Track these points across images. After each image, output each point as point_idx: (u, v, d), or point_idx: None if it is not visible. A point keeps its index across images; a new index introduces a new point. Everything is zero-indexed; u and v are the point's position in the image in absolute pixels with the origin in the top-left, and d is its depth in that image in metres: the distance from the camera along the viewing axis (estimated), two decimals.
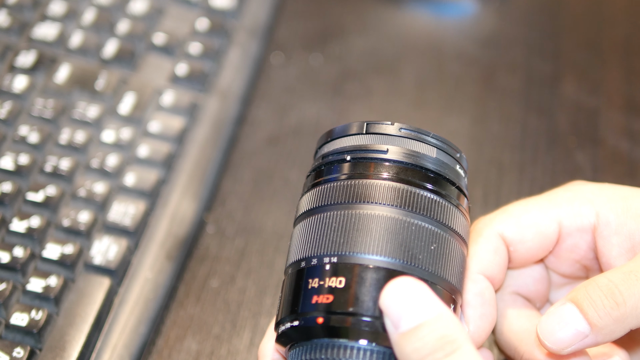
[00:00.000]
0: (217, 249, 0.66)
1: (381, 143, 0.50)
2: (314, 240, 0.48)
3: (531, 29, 0.83)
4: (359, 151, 0.50)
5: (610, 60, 0.80)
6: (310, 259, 0.48)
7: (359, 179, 0.49)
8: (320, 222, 0.48)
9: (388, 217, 0.47)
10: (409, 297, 0.44)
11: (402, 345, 0.44)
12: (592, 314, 0.49)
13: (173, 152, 0.67)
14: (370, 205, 0.48)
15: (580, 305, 0.49)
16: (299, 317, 0.47)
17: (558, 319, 0.49)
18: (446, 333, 0.44)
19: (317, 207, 0.49)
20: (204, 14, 0.76)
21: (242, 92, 0.74)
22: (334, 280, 0.46)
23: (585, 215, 0.54)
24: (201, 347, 0.61)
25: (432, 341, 0.44)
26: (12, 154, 0.64)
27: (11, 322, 0.57)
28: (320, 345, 0.47)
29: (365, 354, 0.46)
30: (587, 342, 0.49)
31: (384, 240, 0.47)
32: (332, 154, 0.51)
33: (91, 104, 0.68)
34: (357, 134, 0.51)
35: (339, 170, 0.50)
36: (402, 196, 0.48)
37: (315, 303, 0.46)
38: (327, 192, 0.50)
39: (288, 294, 0.48)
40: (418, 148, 0.50)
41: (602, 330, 0.49)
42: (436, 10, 0.83)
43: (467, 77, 0.78)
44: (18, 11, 0.73)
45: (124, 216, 0.63)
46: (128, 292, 0.61)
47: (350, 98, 0.76)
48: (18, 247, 0.60)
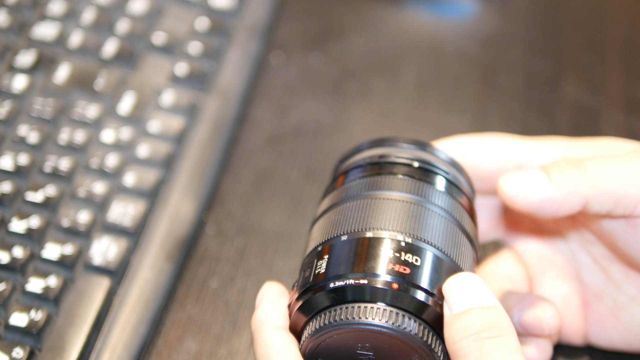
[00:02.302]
0: (217, 249, 0.66)
1: (403, 153, 0.54)
2: (376, 216, 0.50)
3: (532, 28, 0.82)
4: (381, 158, 0.54)
5: (611, 60, 0.80)
6: (379, 230, 0.49)
7: (377, 176, 0.53)
8: (384, 203, 0.51)
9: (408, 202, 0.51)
10: (470, 287, 0.47)
11: (452, 324, 0.46)
12: (553, 171, 0.51)
13: (173, 152, 0.67)
14: (388, 192, 0.51)
15: (544, 168, 0.52)
16: (368, 277, 0.47)
17: (521, 173, 0.52)
18: (496, 320, 0.46)
19: (339, 201, 0.52)
20: (203, 13, 0.76)
21: (242, 92, 0.74)
22: (410, 257, 0.48)
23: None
24: (201, 348, 0.61)
25: (481, 323, 0.45)
26: (11, 154, 0.64)
27: (10, 322, 0.56)
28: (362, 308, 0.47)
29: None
30: (544, 194, 0.51)
31: (437, 232, 0.50)
32: (352, 164, 0.55)
33: (91, 103, 0.68)
34: (378, 147, 0.55)
35: (357, 173, 0.54)
36: (418, 187, 0.52)
37: (392, 269, 0.47)
38: (347, 189, 0.53)
39: (348, 254, 0.49)
40: (433, 159, 0.54)
41: (559, 186, 0.50)
42: (436, 10, 0.83)
43: (467, 77, 0.78)
44: (17, 11, 0.73)
45: (123, 216, 0.63)
46: (128, 292, 0.61)
47: (350, 98, 0.76)
48: (17, 247, 0.59)
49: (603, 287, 0.57)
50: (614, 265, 0.56)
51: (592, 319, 0.57)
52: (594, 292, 0.57)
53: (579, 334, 0.58)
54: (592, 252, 0.57)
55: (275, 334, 0.50)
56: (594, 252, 0.57)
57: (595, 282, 0.57)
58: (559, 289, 0.58)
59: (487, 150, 0.57)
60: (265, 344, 0.49)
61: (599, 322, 0.57)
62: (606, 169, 0.51)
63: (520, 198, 0.51)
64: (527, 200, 0.51)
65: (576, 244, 0.58)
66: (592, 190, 0.51)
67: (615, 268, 0.56)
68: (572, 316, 0.58)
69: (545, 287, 0.58)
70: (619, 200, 0.51)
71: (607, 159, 0.52)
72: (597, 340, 0.58)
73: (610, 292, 0.57)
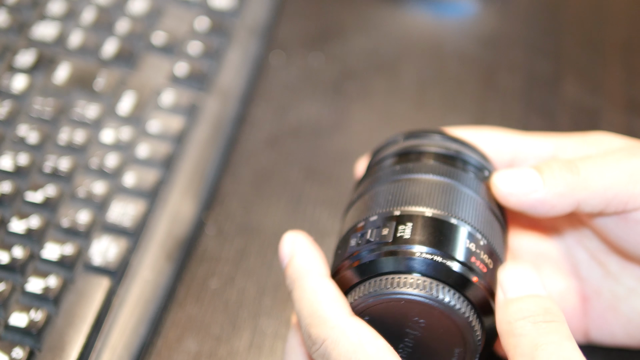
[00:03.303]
0: (217, 250, 0.66)
1: (441, 143, 0.55)
2: (456, 203, 0.51)
3: (532, 28, 0.82)
4: (417, 147, 0.55)
5: (611, 60, 0.80)
6: (465, 222, 0.49)
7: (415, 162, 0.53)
8: (458, 193, 0.51)
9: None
10: (525, 275, 0.49)
11: (507, 305, 0.47)
12: (546, 173, 0.52)
13: (172, 152, 0.67)
14: (434, 175, 0.52)
15: (537, 168, 0.52)
16: (457, 261, 0.48)
17: (515, 171, 0.53)
18: (551, 307, 0.47)
19: (377, 184, 0.53)
20: (203, 13, 0.76)
21: (242, 92, 0.74)
22: (486, 258, 0.49)
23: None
24: (200, 348, 0.61)
25: (537, 308, 0.47)
26: (11, 154, 0.64)
27: (10, 322, 0.56)
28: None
29: None
30: (537, 195, 0.52)
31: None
32: (388, 154, 0.55)
33: (90, 103, 0.68)
34: (406, 139, 0.56)
35: (394, 161, 0.54)
36: (466, 177, 0.53)
37: (474, 262, 0.48)
38: (383, 172, 0.54)
39: (433, 231, 0.49)
40: (470, 153, 0.55)
41: (552, 188, 0.51)
42: (436, 10, 0.83)
43: (467, 77, 0.78)
44: (17, 11, 0.73)
45: (123, 216, 0.63)
46: (127, 292, 0.60)
47: (350, 98, 0.76)
48: (17, 248, 0.59)
49: (601, 282, 0.57)
50: (611, 258, 0.57)
51: (593, 314, 0.57)
52: (592, 287, 0.57)
53: (579, 331, 0.58)
54: (588, 247, 0.58)
55: (323, 282, 0.47)
56: (590, 246, 0.58)
57: (593, 277, 0.58)
58: (556, 286, 0.58)
59: (481, 143, 0.57)
60: (314, 293, 0.47)
61: (600, 317, 0.57)
62: (597, 171, 0.52)
63: (514, 197, 0.52)
64: (520, 200, 0.52)
65: (572, 239, 0.58)
66: (583, 193, 0.51)
67: (613, 261, 0.57)
68: (571, 313, 0.58)
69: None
70: (610, 201, 0.52)
71: (597, 160, 0.52)
72: (598, 337, 0.58)
73: (608, 285, 0.57)
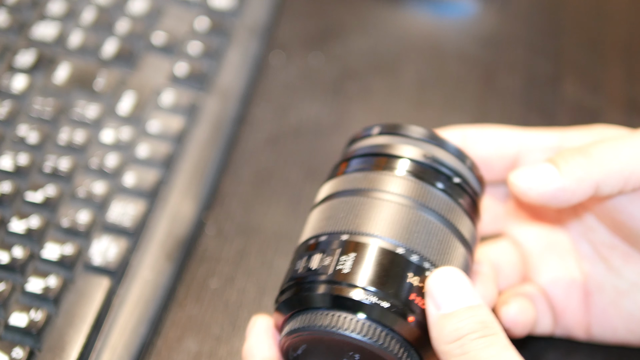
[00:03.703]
0: (217, 250, 0.66)
1: (409, 144, 0.53)
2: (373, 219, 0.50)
3: (532, 28, 0.82)
4: (385, 149, 0.53)
5: (611, 59, 0.80)
6: (411, 252, 0.49)
7: (380, 171, 0.52)
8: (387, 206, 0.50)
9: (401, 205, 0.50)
10: (454, 284, 0.48)
11: (443, 324, 0.47)
12: (561, 162, 0.52)
13: (172, 152, 0.67)
14: (391, 194, 0.50)
15: (550, 160, 0.53)
16: (391, 301, 0.47)
17: (530, 167, 0.53)
18: (486, 320, 0.47)
19: (339, 192, 0.52)
20: (203, 13, 0.76)
21: (242, 92, 0.74)
22: (416, 280, 0.49)
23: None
24: (200, 348, 0.61)
25: (472, 324, 0.46)
26: (11, 154, 0.64)
27: (10, 322, 0.56)
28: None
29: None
30: (556, 184, 0.52)
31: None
32: (358, 150, 0.54)
33: (90, 103, 0.68)
34: (388, 134, 0.54)
35: (361, 163, 0.53)
36: (423, 191, 0.51)
37: (412, 300, 0.48)
38: (347, 180, 0.52)
39: (375, 264, 0.48)
40: (443, 156, 0.53)
41: (569, 174, 0.52)
42: (436, 10, 0.83)
43: (467, 77, 0.78)
44: (17, 11, 0.73)
45: (123, 216, 0.63)
46: (127, 292, 0.60)
47: (350, 98, 0.76)
48: (17, 248, 0.59)
49: (603, 276, 0.57)
50: (615, 252, 0.57)
51: (595, 309, 0.57)
52: (595, 282, 0.58)
53: (581, 327, 0.58)
54: (593, 240, 0.58)
55: None
56: (595, 239, 0.58)
57: (596, 272, 0.58)
58: (560, 281, 0.58)
59: (487, 139, 0.58)
60: None
61: (602, 312, 0.57)
62: (610, 152, 0.52)
63: (534, 191, 0.52)
64: (540, 192, 0.52)
65: (577, 233, 0.59)
66: (601, 174, 0.52)
67: (616, 255, 0.57)
68: (574, 308, 0.58)
69: (546, 276, 0.59)
70: (627, 179, 0.52)
71: (608, 142, 0.53)
72: (600, 332, 0.58)
73: (611, 280, 0.57)
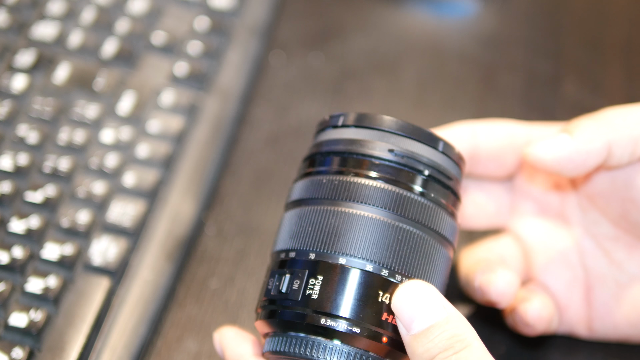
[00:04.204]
0: (217, 250, 0.66)
1: (377, 139, 0.51)
2: (350, 238, 0.48)
3: (532, 28, 0.82)
4: (353, 146, 0.51)
5: (611, 59, 0.80)
6: (381, 266, 0.48)
7: (349, 176, 0.50)
8: (358, 221, 0.49)
9: (375, 219, 0.49)
10: (419, 300, 0.47)
11: (414, 346, 0.46)
12: (572, 127, 0.54)
13: (172, 152, 0.67)
14: (359, 205, 0.49)
15: (563, 129, 0.54)
16: (361, 325, 0.47)
17: (543, 138, 0.54)
18: (456, 333, 0.46)
19: (309, 198, 0.51)
20: (203, 13, 0.76)
21: (242, 92, 0.74)
22: (386, 298, 0.48)
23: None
24: (200, 348, 0.61)
25: (443, 341, 0.46)
26: (11, 154, 0.64)
27: (10, 322, 0.56)
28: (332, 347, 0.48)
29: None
30: (570, 147, 0.53)
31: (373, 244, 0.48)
32: (327, 144, 0.52)
33: (90, 103, 0.68)
34: (354, 127, 0.52)
35: (330, 163, 0.51)
36: (390, 198, 0.49)
37: (385, 320, 0.48)
38: (317, 185, 0.51)
39: (344, 287, 0.48)
40: (414, 148, 0.51)
41: (581, 136, 0.53)
42: (436, 10, 0.83)
43: (467, 77, 0.78)
44: (17, 11, 0.73)
45: (123, 216, 0.63)
46: (127, 292, 0.60)
47: (350, 98, 0.76)
48: (17, 248, 0.59)
49: (605, 270, 0.58)
50: (618, 244, 0.57)
51: (596, 303, 0.58)
52: (596, 277, 0.58)
53: (583, 323, 0.58)
54: (596, 234, 0.58)
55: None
56: (598, 233, 0.58)
57: (598, 266, 0.58)
58: (563, 276, 0.58)
59: (497, 134, 0.58)
60: None
61: (603, 306, 0.57)
62: (619, 115, 0.54)
63: (550, 157, 0.53)
64: (556, 157, 0.53)
65: (580, 228, 0.59)
66: (611, 133, 0.53)
67: (619, 247, 0.57)
68: (575, 303, 0.58)
69: (548, 273, 0.59)
70: (636, 141, 0.53)
71: (617, 109, 0.54)
72: (601, 328, 0.58)
73: (612, 273, 0.57)
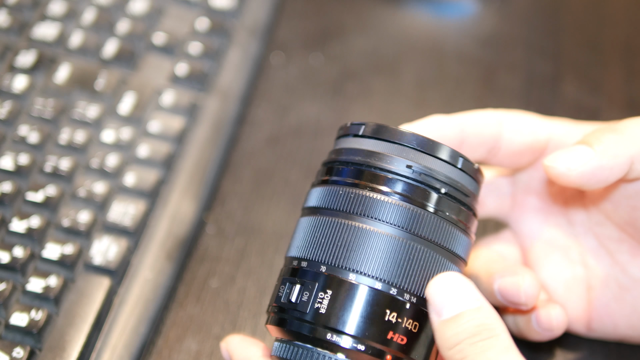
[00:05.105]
0: (217, 249, 0.66)
1: (396, 154, 0.51)
2: (365, 256, 0.49)
3: (531, 29, 0.83)
4: (372, 159, 0.51)
5: (610, 60, 0.80)
6: (390, 285, 0.48)
7: (365, 190, 0.50)
8: (374, 238, 0.49)
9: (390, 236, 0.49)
10: (453, 289, 0.48)
11: (443, 330, 0.47)
12: (594, 141, 0.53)
13: (173, 152, 0.67)
14: (372, 221, 0.49)
15: (582, 142, 0.53)
16: (366, 343, 0.48)
17: (564, 150, 0.53)
18: (485, 322, 0.47)
19: (325, 208, 0.51)
20: (204, 13, 0.76)
21: (242, 92, 0.74)
22: (410, 324, 0.49)
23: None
24: (201, 348, 0.61)
25: (471, 327, 0.46)
26: (11, 154, 0.64)
27: (11, 322, 0.56)
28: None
29: None
30: (594, 163, 0.52)
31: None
32: (346, 153, 0.53)
33: (91, 103, 0.68)
34: (375, 138, 0.52)
35: (347, 174, 0.52)
36: (404, 216, 0.49)
37: (390, 338, 0.48)
38: (333, 195, 0.51)
39: (352, 304, 0.48)
40: (433, 164, 0.51)
41: (604, 151, 0.52)
42: (436, 10, 0.83)
43: (467, 77, 0.78)
44: (18, 11, 0.73)
45: (123, 216, 0.63)
46: (128, 292, 0.61)
47: (350, 98, 0.76)
48: (18, 247, 0.59)
49: (608, 270, 0.57)
50: (622, 245, 0.57)
51: (597, 303, 0.58)
52: (598, 277, 0.58)
53: (582, 322, 0.58)
54: (600, 234, 0.58)
55: None
56: (602, 233, 0.58)
57: (600, 265, 0.58)
58: (562, 274, 0.58)
59: (523, 129, 0.57)
60: None
61: (604, 307, 0.57)
62: (638, 127, 0.53)
63: (573, 172, 0.52)
64: (579, 172, 0.52)
65: (582, 227, 0.58)
66: (634, 148, 0.52)
67: (623, 249, 0.57)
68: (575, 302, 0.58)
69: (548, 271, 0.59)
70: None
71: (635, 120, 0.53)
72: (601, 328, 0.58)
73: (615, 274, 0.57)
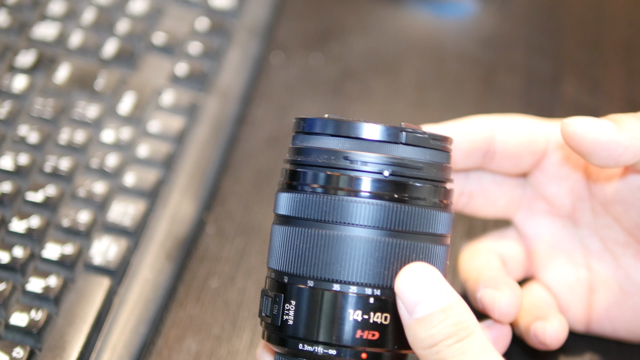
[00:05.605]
0: (217, 249, 0.66)
1: (360, 149, 0.49)
2: (341, 261, 0.48)
3: (531, 28, 0.83)
4: (337, 160, 0.49)
5: (610, 59, 0.80)
6: (348, 284, 0.47)
7: (337, 195, 0.48)
8: (349, 242, 0.48)
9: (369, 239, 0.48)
10: (423, 284, 0.46)
11: (417, 330, 0.46)
12: (616, 118, 0.52)
13: (173, 152, 0.67)
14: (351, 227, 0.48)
15: (607, 118, 0.52)
16: (336, 347, 0.47)
17: (587, 117, 0.53)
18: (459, 320, 0.46)
19: (296, 217, 0.49)
20: (203, 13, 0.76)
21: (242, 92, 0.74)
22: (379, 317, 0.48)
23: None
24: (201, 348, 0.61)
25: (447, 328, 0.46)
26: (11, 154, 0.64)
27: (11, 322, 0.56)
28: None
29: None
30: (612, 136, 0.52)
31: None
32: (311, 154, 0.51)
33: (91, 103, 0.68)
34: (336, 136, 0.50)
35: (315, 180, 0.50)
36: (383, 215, 0.48)
37: (359, 337, 0.47)
38: (305, 203, 0.49)
39: (315, 311, 0.48)
40: (399, 152, 0.49)
41: (625, 129, 0.51)
42: (436, 10, 0.83)
43: (467, 77, 0.78)
44: (18, 11, 0.73)
45: (123, 216, 0.63)
46: (128, 292, 0.61)
47: (350, 98, 0.76)
48: (18, 247, 0.59)
49: (612, 274, 0.57)
50: (628, 250, 0.57)
51: (598, 306, 0.57)
52: (601, 279, 0.58)
53: (581, 322, 0.58)
54: (605, 238, 0.58)
55: None
56: (608, 236, 0.57)
57: (604, 269, 0.58)
58: (566, 275, 0.58)
59: (517, 131, 0.57)
60: None
61: (605, 311, 0.57)
62: None
63: (589, 136, 0.52)
64: (595, 138, 0.52)
65: (587, 229, 0.58)
66: None
67: (628, 253, 0.57)
68: (576, 303, 0.58)
69: (552, 272, 0.59)
70: None
71: None
72: (599, 329, 0.58)
73: (618, 279, 0.57)
